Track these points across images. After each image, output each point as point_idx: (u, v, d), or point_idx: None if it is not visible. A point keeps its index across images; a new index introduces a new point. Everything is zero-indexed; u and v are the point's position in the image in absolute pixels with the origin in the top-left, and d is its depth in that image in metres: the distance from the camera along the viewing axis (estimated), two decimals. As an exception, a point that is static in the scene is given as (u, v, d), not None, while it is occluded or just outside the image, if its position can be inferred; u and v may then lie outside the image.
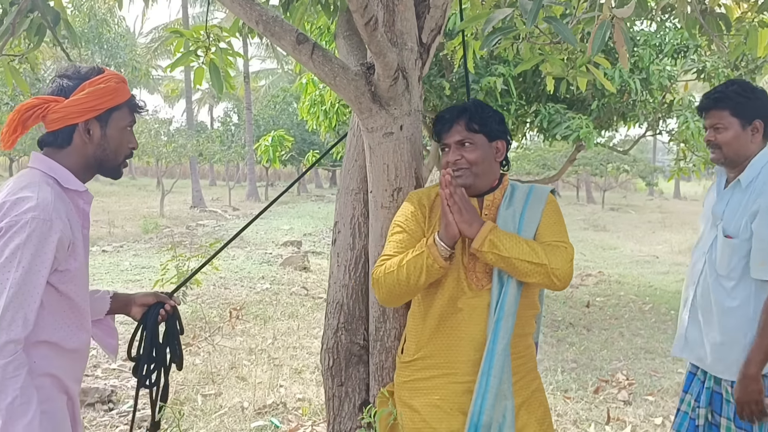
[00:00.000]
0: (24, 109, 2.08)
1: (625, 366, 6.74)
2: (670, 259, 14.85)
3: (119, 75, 2.20)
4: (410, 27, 2.81)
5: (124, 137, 2.21)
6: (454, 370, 2.49)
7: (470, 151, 2.49)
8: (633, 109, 8.31)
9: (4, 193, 2.00)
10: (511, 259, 2.36)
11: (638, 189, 46.04)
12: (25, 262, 1.90)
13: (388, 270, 2.43)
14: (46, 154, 2.13)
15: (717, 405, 2.97)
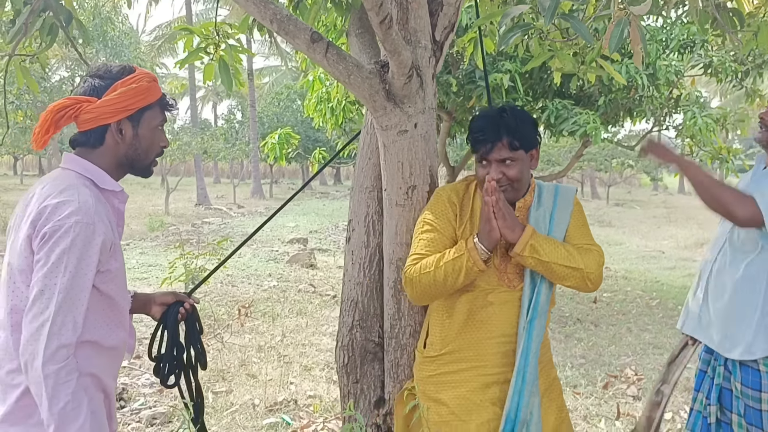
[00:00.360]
0: (57, 109, 2.06)
1: (634, 361, 6.74)
2: (676, 254, 14.86)
3: (150, 74, 2.19)
4: (424, 25, 2.81)
5: (156, 136, 2.20)
6: (483, 363, 2.55)
7: (512, 168, 2.50)
8: (640, 105, 8.30)
9: (41, 197, 1.98)
10: (550, 264, 2.43)
11: (643, 184, 46.03)
12: (71, 267, 1.90)
13: (424, 270, 2.46)
14: (78, 154, 2.12)
15: (727, 401, 2.98)
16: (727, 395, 2.98)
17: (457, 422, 2.54)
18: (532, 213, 2.59)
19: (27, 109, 15.51)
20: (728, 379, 2.96)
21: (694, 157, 9.30)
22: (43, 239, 1.91)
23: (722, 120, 8.47)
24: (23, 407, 1.94)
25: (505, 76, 7.15)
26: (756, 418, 2.87)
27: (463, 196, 2.64)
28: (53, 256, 1.90)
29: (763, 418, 2.85)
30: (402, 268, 2.83)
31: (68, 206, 1.94)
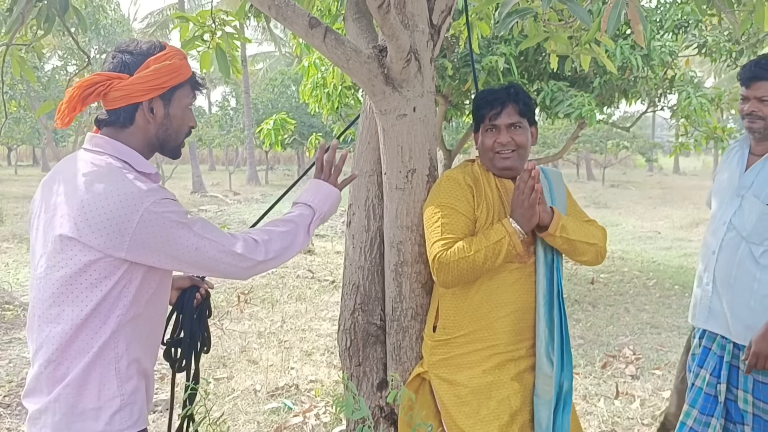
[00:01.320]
0: (86, 85, 1.96)
1: (632, 341, 6.79)
2: (672, 235, 14.90)
3: (181, 51, 2.09)
4: (421, 9, 2.81)
5: (186, 116, 2.12)
6: (497, 341, 2.62)
7: (519, 134, 2.62)
8: (635, 86, 8.30)
9: (95, 187, 1.88)
10: (576, 242, 2.59)
11: (638, 165, 46.06)
12: (186, 226, 1.95)
13: (461, 255, 2.49)
14: (105, 134, 2.02)
15: (734, 378, 2.98)
16: (734, 372, 2.98)
17: (477, 401, 2.59)
18: None
19: (21, 99, 15.45)
20: (737, 357, 2.97)
21: (688, 137, 9.31)
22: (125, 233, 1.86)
23: (717, 100, 8.48)
24: (66, 397, 1.93)
25: (500, 58, 7.15)
26: (765, 393, 2.87)
27: (474, 179, 2.68)
28: (159, 237, 1.90)
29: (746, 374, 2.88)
30: (402, 251, 2.85)
31: (132, 194, 1.88)
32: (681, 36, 8.34)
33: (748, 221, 2.88)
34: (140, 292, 1.98)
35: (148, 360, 2.09)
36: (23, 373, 5.56)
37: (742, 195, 2.93)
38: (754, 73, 2.91)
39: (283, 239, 2.16)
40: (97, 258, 1.88)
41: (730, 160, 3.13)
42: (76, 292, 1.90)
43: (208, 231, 1.99)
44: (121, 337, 1.95)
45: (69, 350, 1.92)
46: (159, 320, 2.15)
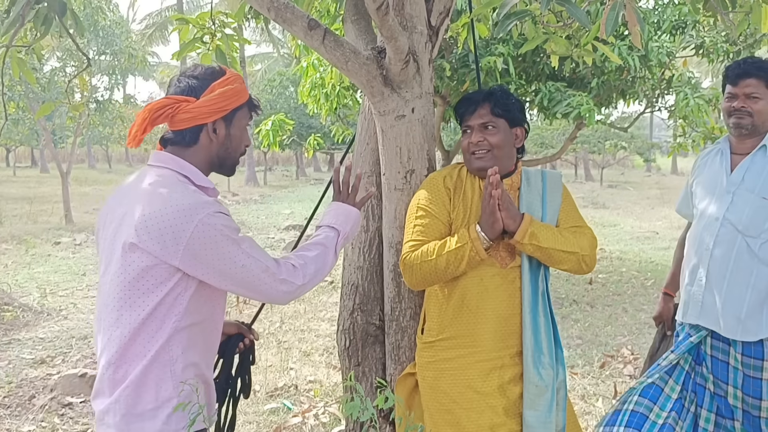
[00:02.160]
0: (155, 108, 2.11)
1: (630, 341, 6.81)
2: (670, 235, 14.91)
3: (240, 76, 2.24)
4: (419, 10, 2.83)
5: (243, 135, 2.25)
6: (480, 347, 2.57)
7: (492, 135, 2.59)
8: (632, 86, 8.33)
9: (155, 199, 2.01)
10: (548, 249, 2.51)
11: (636, 166, 46.07)
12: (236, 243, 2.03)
13: (424, 257, 2.51)
14: (170, 152, 2.16)
15: (723, 374, 3.00)
16: (723, 368, 3.00)
17: (459, 410, 2.56)
18: (524, 195, 2.65)
19: (19, 100, 15.44)
20: (726, 352, 2.98)
21: (686, 138, 9.33)
22: (180, 241, 1.96)
23: (714, 100, 8.50)
24: (126, 398, 2.02)
25: (499, 59, 7.17)
26: (755, 388, 2.89)
27: (455, 180, 2.68)
28: (210, 249, 1.99)
29: (762, 387, 2.88)
30: (401, 251, 2.86)
31: (189, 206, 1.99)
32: (678, 37, 8.36)
33: (744, 215, 2.90)
34: (195, 302, 2.07)
35: (205, 367, 2.19)
36: (23, 374, 5.58)
37: (732, 192, 2.96)
38: (743, 70, 2.94)
39: (316, 263, 2.22)
40: (154, 264, 1.98)
41: (709, 164, 3.15)
42: (134, 297, 2.00)
43: (255, 251, 2.08)
44: (176, 342, 2.05)
45: (127, 353, 2.02)
46: (215, 332, 2.24)
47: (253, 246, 2.09)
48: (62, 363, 5.95)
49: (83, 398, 5.11)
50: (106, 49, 17.47)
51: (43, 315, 7.53)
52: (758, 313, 2.88)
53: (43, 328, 7.03)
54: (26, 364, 5.85)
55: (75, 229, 15.20)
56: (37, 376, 5.54)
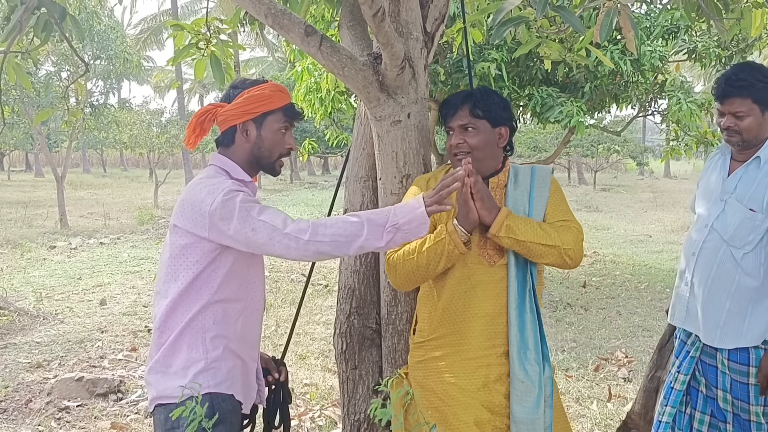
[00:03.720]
0: (200, 113, 2.48)
1: (624, 344, 6.86)
2: (663, 238, 14.98)
3: (277, 85, 2.50)
4: (415, 17, 2.86)
5: (278, 138, 2.48)
6: (466, 346, 2.59)
7: (472, 136, 2.59)
8: (625, 91, 8.37)
9: (191, 187, 2.37)
10: (526, 243, 2.50)
11: (629, 169, 46.09)
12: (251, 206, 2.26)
13: (406, 256, 2.54)
14: (219, 152, 2.50)
15: (712, 377, 3.04)
16: (712, 372, 3.04)
17: (446, 408, 2.58)
18: (510, 193, 2.65)
19: (14, 104, 15.44)
20: (714, 356, 3.02)
21: (679, 142, 9.38)
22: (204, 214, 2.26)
23: (707, 105, 8.55)
24: (164, 358, 2.35)
25: (492, 64, 7.22)
26: (743, 392, 2.93)
27: (436, 179, 2.67)
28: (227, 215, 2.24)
29: (750, 392, 2.92)
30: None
31: (212, 186, 2.30)
32: (671, 41, 8.41)
33: (731, 225, 2.93)
34: (229, 279, 2.37)
35: (241, 345, 2.45)
36: (19, 378, 5.59)
37: (725, 200, 2.99)
38: (725, 92, 2.93)
39: (343, 228, 2.29)
40: (191, 242, 2.32)
41: (713, 166, 3.18)
42: (177, 271, 2.34)
43: (264, 213, 2.27)
44: (209, 313, 2.35)
45: (170, 320, 2.35)
46: (251, 316, 2.50)
47: (264, 210, 2.27)
48: (59, 367, 5.96)
49: (80, 402, 5.13)
50: (102, 54, 17.47)
51: (39, 319, 7.53)
52: (737, 321, 2.91)
53: (39, 333, 7.03)
54: (22, 369, 5.86)
55: (70, 233, 15.20)
56: (33, 380, 5.55)
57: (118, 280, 9.89)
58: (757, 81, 2.88)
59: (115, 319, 7.67)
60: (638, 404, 3.92)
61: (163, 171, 31.73)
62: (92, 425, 4.77)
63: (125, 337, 7.01)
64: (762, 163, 2.94)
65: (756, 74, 2.90)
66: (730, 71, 2.99)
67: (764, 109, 2.90)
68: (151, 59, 54.04)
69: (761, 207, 2.88)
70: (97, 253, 12.39)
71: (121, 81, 27.54)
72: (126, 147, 27.21)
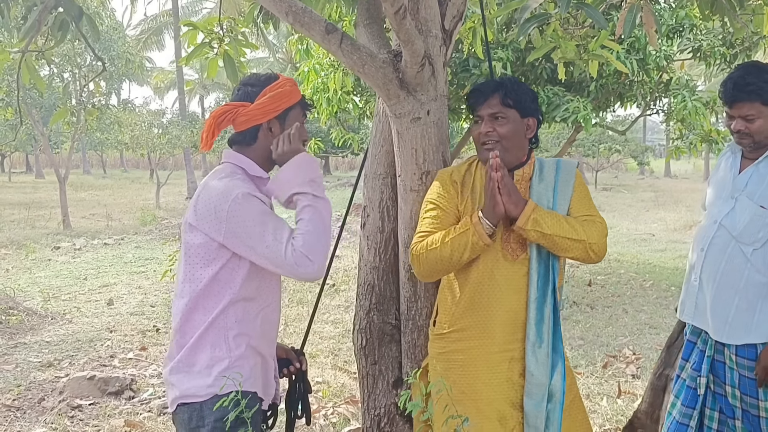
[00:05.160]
0: (218, 114, 2.46)
1: (631, 342, 6.88)
2: (666, 237, 15.00)
3: (291, 79, 2.51)
4: (434, 14, 2.89)
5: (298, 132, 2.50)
6: (490, 340, 2.61)
7: (502, 125, 2.60)
8: (630, 90, 8.39)
9: (204, 185, 2.39)
10: (553, 236, 2.52)
11: (629, 169, 46.13)
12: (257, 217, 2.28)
13: (430, 247, 2.55)
14: (235, 151, 2.50)
15: (720, 373, 3.05)
16: (720, 368, 3.05)
17: (468, 401, 2.59)
18: (535, 186, 2.66)
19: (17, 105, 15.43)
20: (721, 352, 3.03)
21: (683, 141, 9.40)
22: (221, 219, 2.27)
23: (711, 103, 8.56)
24: (187, 358, 2.36)
25: (498, 63, 7.25)
26: (752, 388, 2.93)
27: (464, 174, 2.72)
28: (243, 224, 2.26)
29: (758, 388, 2.95)
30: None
31: (231, 188, 2.31)
32: (676, 40, 8.43)
33: (740, 221, 2.95)
34: (249, 280, 2.38)
35: (261, 342, 2.47)
36: (31, 377, 5.61)
37: (735, 197, 3.01)
38: (734, 96, 2.93)
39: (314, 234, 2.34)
40: (206, 241, 2.33)
41: (724, 164, 3.20)
42: (193, 270, 2.35)
43: (279, 232, 2.28)
44: (231, 313, 2.36)
45: (190, 320, 2.36)
46: (271, 315, 2.53)
47: (279, 227, 2.29)
48: (69, 366, 5.98)
49: (92, 400, 5.15)
50: (104, 55, 17.46)
51: (48, 319, 7.55)
52: (746, 317, 2.92)
53: (48, 332, 7.06)
54: (34, 368, 5.88)
55: (73, 234, 15.22)
56: (45, 379, 5.57)
57: (123, 280, 9.91)
58: (765, 83, 2.88)
59: (123, 319, 7.69)
60: (645, 403, 3.93)
61: (163, 172, 31.74)
62: (105, 423, 4.78)
63: (134, 336, 7.03)
64: None
65: (764, 76, 2.90)
66: (736, 74, 2.98)
67: None
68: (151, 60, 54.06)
69: None
70: (101, 254, 12.41)
71: (122, 82, 27.54)
72: (127, 148, 27.18)
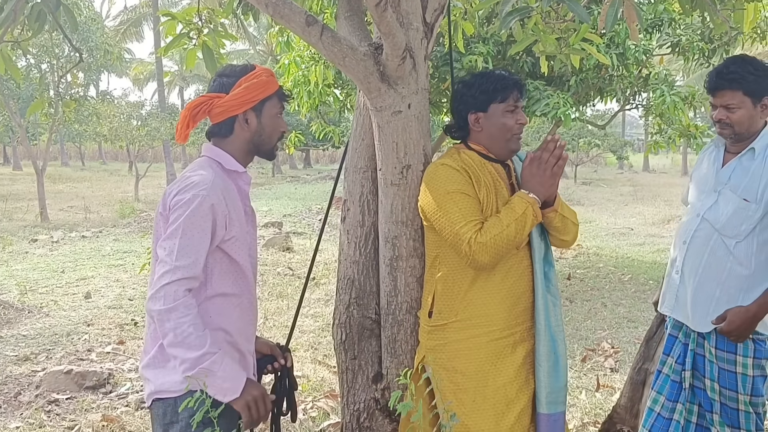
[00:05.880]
0: (193, 106, 2.43)
1: (610, 335, 6.91)
2: (644, 231, 15.10)
3: (268, 69, 2.50)
4: (415, 7, 2.86)
5: (276, 123, 2.51)
6: (494, 326, 2.65)
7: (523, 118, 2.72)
8: (610, 84, 8.43)
9: (184, 177, 2.36)
10: (567, 220, 2.70)
11: (608, 163, 46.45)
12: (187, 229, 2.22)
13: (495, 231, 2.52)
14: (213, 144, 2.48)
15: (700, 366, 3.08)
16: (700, 361, 3.08)
17: (474, 388, 2.63)
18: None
19: (-6, 96, 15.28)
20: (702, 345, 3.06)
21: (662, 135, 9.45)
22: (171, 210, 2.27)
23: (690, 98, 8.62)
24: (161, 353, 2.32)
25: (479, 57, 7.25)
26: (731, 381, 2.98)
27: (465, 165, 2.69)
28: (174, 223, 2.24)
29: (737, 381, 2.96)
30: (397, 245, 2.90)
31: (191, 183, 2.29)
32: (655, 35, 8.48)
33: (723, 214, 2.98)
34: (225, 274, 2.37)
35: (239, 338, 2.44)
36: (7, 371, 5.55)
37: (718, 191, 3.04)
38: (717, 84, 2.99)
39: (187, 331, 2.23)
40: None
41: (707, 158, 3.22)
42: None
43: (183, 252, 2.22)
44: (207, 308, 2.33)
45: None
46: (248, 307, 2.50)
47: (186, 248, 2.22)
48: (46, 360, 5.91)
49: (69, 395, 5.09)
50: (83, 46, 17.28)
51: (24, 312, 7.46)
52: (723, 308, 2.96)
53: (25, 326, 6.98)
54: (10, 362, 5.81)
55: (51, 227, 15.08)
56: (21, 373, 5.51)
57: (102, 273, 9.81)
58: (748, 73, 2.92)
59: (101, 313, 7.61)
60: (624, 397, 3.95)
61: (143, 164, 31.52)
62: (82, 418, 4.74)
63: (112, 330, 6.96)
64: (756, 154, 2.98)
65: (747, 67, 2.94)
66: (722, 64, 3.05)
67: (756, 102, 2.95)
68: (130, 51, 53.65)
69: (755, 197, 2.92)
70: (79, 247, 12.29)
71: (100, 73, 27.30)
72: (106, 140, 26.95)
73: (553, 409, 2.66)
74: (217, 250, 2.34)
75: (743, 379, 2.96)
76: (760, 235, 2.93)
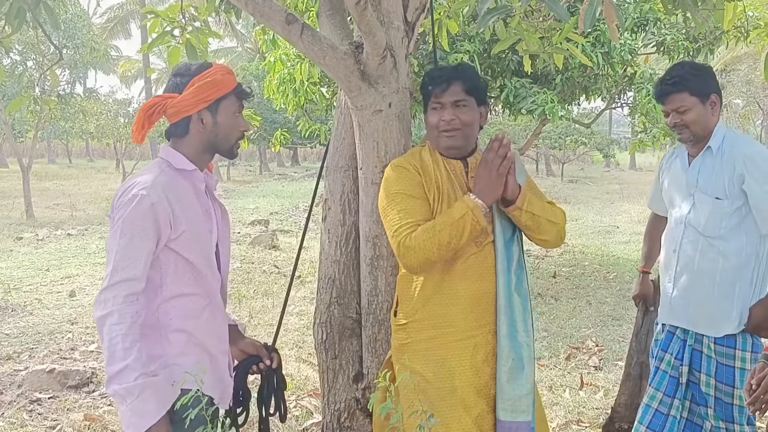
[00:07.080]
0: (147, 107, 2.38)
1: (594, 333, 6.93)
2: (630, 229, 15.14)
3: (225, 67, 2.45)
4: (396, 6, 2.87)
5: (234, 122, 2.45)
6: (453, 328, 2.59)
7: (465, 113, 2.59)
8: (596, 83, 8.46)
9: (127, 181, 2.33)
10: (540, 218, 2.58)
11: (595, 161, 46.55)
12: (126, 230, 2.19)
13: (426, 236, 2.45)
14: (171, 144, 2.44)
15: (696, 362, 3.11)
16: (696, 356, 3.10)
17: (434, 390, 2.58)
18: None
19: (-23, 94, 15.17)
20: (700, 341, 3.08)
21: (647, 134, 9.49)
22: (114, 211, 2.24)
23: (675, 97, 8.63)
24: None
25: (465, 56, 7.26)
26: (728, 376, 2.99)
27: (421, 163, 2.65)
28: (115, 224, 2.21)
29: (735, 375, 2.98)
30: (378, 245, 2.90)
31: (134, 184, 2.26)
32: (640, 34, 8.51)
33: (702, 216, 3.02)
34: (181, 273, 2.32)
35: (208, 339, 2.40)
36: (-11, 371, 5.51)
37: (692, 194, 3.07)
38: (663, 91, 3.06)
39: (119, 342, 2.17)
40: None
41: (673, 167, 3.27)
42: None
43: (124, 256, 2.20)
44: (167, 310, 2.30)
45: None
46: (215, 310, 2.45)
47: (124, 249, 2.19)
48: (29, 359, 5.88)
49: (51, 394, 5.07)
50: (68, 43, 17.21)
51: (8, 311, 7.41)
52: (725, 308, 2.99)
53: (8, 324, 6.93)
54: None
55: (37, 225, 14.98)
56: (4, 373, 5.47)
57: (86, 271, 9.76)
58: (691, 75, 3.01)
59: (85, 311, 7.57)
60: (624, 395, 3.96)
61: (130, 162, 31.39)
62: (65, 417, 4.71)
63: (96, 328, 6.92)
64: (714, 151, 3.04)
65: (687, 68, 3.06)
66: (665, 73, 3.13)
67: (704, 100, 3.02)
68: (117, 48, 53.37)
69: (725, 194, 2.97)
70: (64, 245, 12.22)
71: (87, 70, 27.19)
72: (92, 137, 26.84)
73: (512, 417, 2.57)
74: (167, 250, 2.28)
75: (741, 373, 2.98)
76: (743, 224, 2.97)
